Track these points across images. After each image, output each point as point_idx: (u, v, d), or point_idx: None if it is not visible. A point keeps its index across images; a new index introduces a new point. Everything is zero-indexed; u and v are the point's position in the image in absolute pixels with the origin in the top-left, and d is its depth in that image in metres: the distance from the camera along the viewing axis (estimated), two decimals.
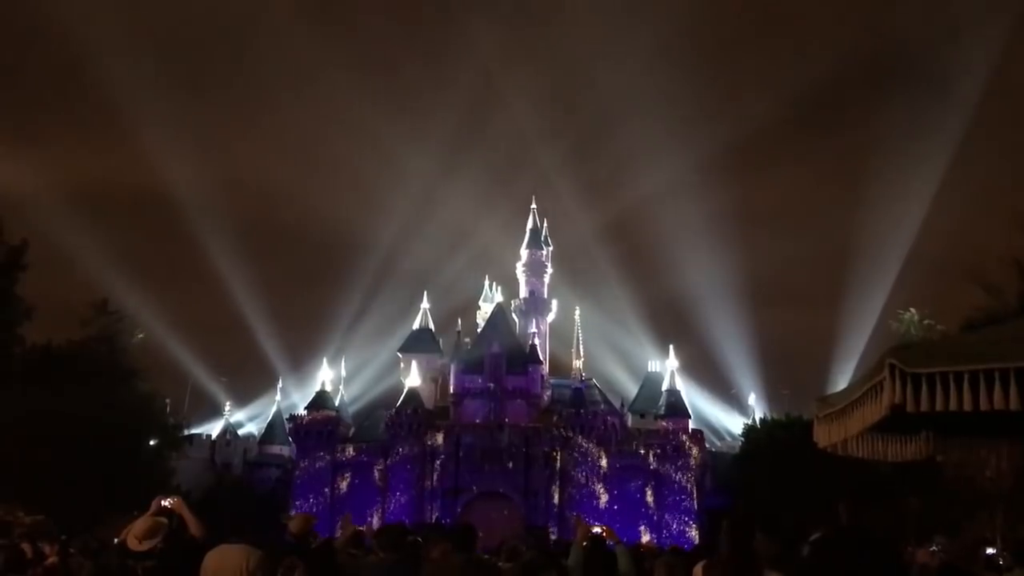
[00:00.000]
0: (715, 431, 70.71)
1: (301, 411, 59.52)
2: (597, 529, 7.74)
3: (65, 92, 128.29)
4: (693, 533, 53.52)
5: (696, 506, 55.40)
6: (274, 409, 67.10)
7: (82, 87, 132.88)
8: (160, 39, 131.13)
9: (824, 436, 5.75)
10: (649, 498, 55.42)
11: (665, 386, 59.15)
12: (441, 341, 63.20)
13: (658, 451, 56.29)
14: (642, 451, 56.45)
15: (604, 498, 54.55)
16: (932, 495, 31.40)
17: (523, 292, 64.22)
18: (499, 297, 64.30)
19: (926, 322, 38.15)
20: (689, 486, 55.93)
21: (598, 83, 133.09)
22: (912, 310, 38.91)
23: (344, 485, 56.14)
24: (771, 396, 69.43)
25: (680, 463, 56.16)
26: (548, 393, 60.05)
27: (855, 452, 5.85)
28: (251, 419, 73.86)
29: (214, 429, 69.74)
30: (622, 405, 62.23)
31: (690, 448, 56.78)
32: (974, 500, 28.48)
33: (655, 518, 55.02)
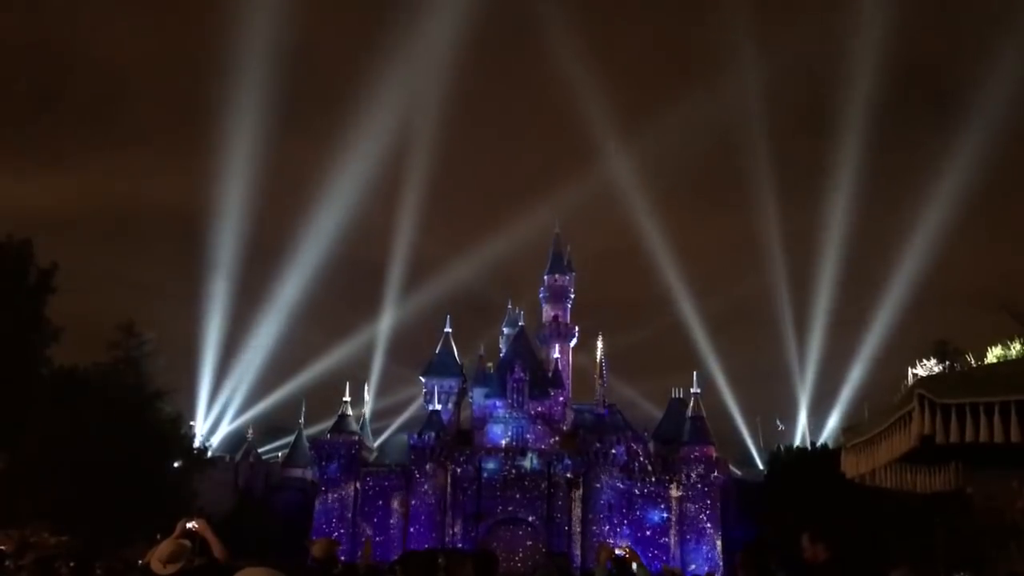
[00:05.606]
0: (743, 456, 70.16)
1: (324, 434, 59.60)
2: (620, 551, 7.65)
3: (98, 117, 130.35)
4: (717, 562, 52.92)
5: (720, 534, 54.78)
6: (297, 432, 67.23)
7: (114, 112, 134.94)
8: (192, 64, 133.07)
9: (852, 466, 5.70)
10: (672, 525, 54.89)
11: (689, 412, 58.67)
12: (463, 365, 63.15)
13: (682, 478, 55.81)
14: (666, 478, 55.99)
15: (627, 525, 54.09)
16: (961, 527, 30.91)
17: (546, 317, 64.12)
18: (521, 322, 64.24)
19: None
20: (713, 514, 55.35)
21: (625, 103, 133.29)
22: None
23: (366, 509, 56.02)
24: (794, 423, 68.88)
25: (704, 490, 55.62)
26: (571, 418, 59.76)
27: (883, 482, 5.80)
28: (274, 441, 74.12)
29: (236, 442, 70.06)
30: (645, 431, 61.77)
31: (715, 476, 56.24)
32: (1004, 533, 27.98)
33: (678, 546, 54.45)
